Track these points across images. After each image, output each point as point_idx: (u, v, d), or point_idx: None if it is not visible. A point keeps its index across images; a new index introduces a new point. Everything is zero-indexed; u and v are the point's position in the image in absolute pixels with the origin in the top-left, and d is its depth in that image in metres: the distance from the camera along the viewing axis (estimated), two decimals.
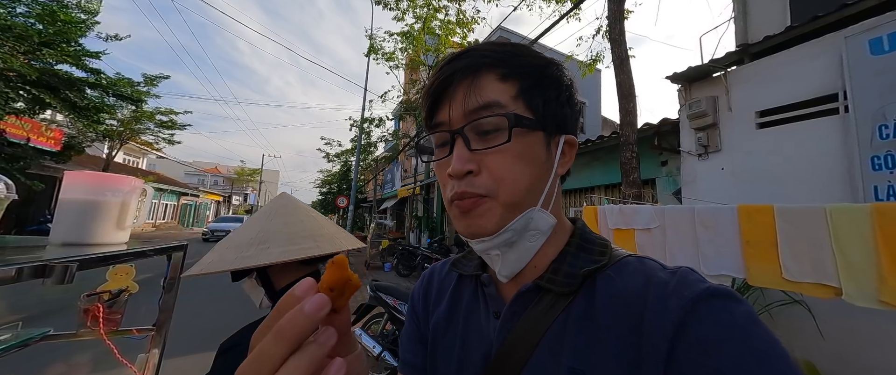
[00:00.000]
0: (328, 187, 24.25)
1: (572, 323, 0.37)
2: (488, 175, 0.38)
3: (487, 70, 0.39)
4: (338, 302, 0.25)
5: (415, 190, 12.26)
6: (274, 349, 0.21)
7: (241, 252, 0.76)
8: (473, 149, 0.38)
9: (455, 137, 0.39)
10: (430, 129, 0.42)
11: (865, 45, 2.49)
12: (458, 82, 0.39)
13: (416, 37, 8.63)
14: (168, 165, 29.64)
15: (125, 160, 22.28)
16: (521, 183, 0.38)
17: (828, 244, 1.60)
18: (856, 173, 2.46)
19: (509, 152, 0.38)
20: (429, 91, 0.41)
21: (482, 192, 0.37)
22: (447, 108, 0.39)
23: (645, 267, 0.38)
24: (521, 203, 0.39)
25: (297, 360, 0.21)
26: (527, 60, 0.41)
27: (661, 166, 4.61)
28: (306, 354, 0.21)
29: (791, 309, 2.49)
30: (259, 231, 0.82)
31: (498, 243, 0.39)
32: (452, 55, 0.41)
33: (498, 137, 0.38)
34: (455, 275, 0.53)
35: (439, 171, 0.42)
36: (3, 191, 0.65)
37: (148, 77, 10.76)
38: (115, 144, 13.84)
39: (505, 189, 0.38)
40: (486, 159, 0.38)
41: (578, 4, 5.53)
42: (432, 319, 0.51)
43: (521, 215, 0.39)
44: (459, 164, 0.37)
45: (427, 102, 0.41)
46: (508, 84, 0.39)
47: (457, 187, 0.38)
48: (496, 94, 0.38)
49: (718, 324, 0.30)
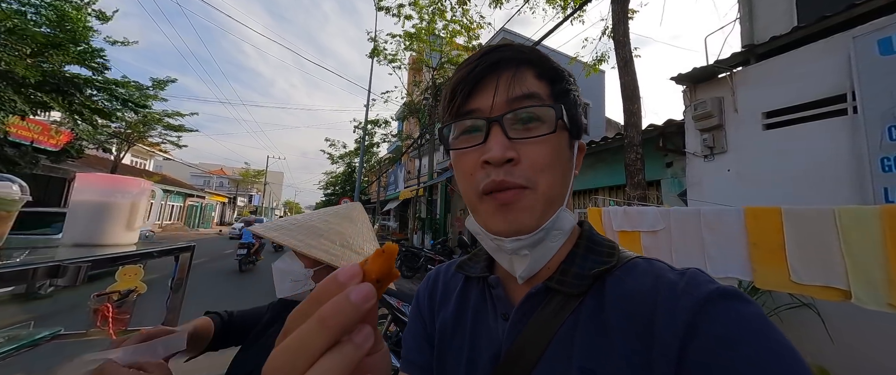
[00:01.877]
0: (332, 188, 24.39)
1: (582, 324, 0.37)
2: (529, 165, 0.37)
3: (527, 66, 0.40)
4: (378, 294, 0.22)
5: (418, 191, 12.28)
6: (314, 338, 0.19)
7: (330, 250, 0.79)
8: (513, 138, 0.37)
9: (491, 125, 0.38)
10: (459, 116, 0.41)
11: (874, 46, 2.46)
12: (502, 71, 0.39)
13: (421, 37, 8.67)
14: (174, 166, 30.01)
15: (133, 162, 22.59)
16: (558, 177, 0.39)
17: (837, 246, 1.57)
18: (865, 175, 2.43)
19: (550, 144, 0.38)
20: (466, 78, 0.40)
21: (522, 182, 0.36)
22: (489, 95, 0.39)
23: (654, 268, 0.38)
24: (556, 199, 0.39)
25: (334, 359, 0.19)
26: (553, 64, 0.42)
27: (666, 168, 4.58)
28: (345, 354, 0.19)
29: (800, 313, 2.46)
30: (340, 234, 0.83)
31: (533, 241, 0.38)
32: (491, 47, 0.41)
33: (539, 128, 0.38)
34: (461, 277, 0.53)
35: (465, 160, 0.40)
36: (18, 193, 0.66)
37: (156, 81, 10.92)
38: (123, 146, 14.04)
39: (545, 181, 0.37)
40: (525, 148, 0.37)
41: (581, 7, 5.52)
42: (438, 321, 0.51)
43: (554, 214, 0.39)
44: (500, 150, 0.36)
45: (462, 90, 0.40)
46: (543, 83, 0.40)
47: (494, 174, 0.37)
48: (537, 88, 0.39)
49: (729, 325, 0.30)
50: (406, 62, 9.95)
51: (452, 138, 0.42)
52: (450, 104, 0.41)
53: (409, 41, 8.96)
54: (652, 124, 4.51)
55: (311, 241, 0.78)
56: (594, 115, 11.53)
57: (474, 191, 0.39)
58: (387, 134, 14.14)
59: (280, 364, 0.18)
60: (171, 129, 13.86)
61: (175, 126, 13.78)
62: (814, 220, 1.67)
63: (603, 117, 12.05)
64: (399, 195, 15.81)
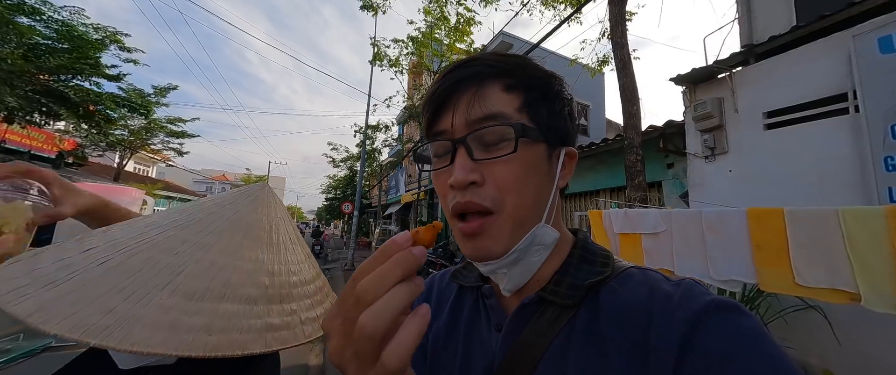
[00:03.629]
0: (334, 192, 24.44)
1: (576, 336, 0.36)
2: (494, 186, 0.36)
3: (493, 80, 0.38)
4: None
5: (419, 195, 12.28)
6: (393, 271, 0.24)
7: (235, 321, 0.40)
8: (477, 159, 0.37)
9: (457, 147, 0.37)
10: (430, 137, 0.41)
11: (874, 44, 2.44)
12: (463, 91, 0.38)
13: (422, 42, 8.71)
14: (177, 173, 30.13)
15: (136, 169, 22.71)
16: (527, 196, 0.37)
17: (842, 247, 1.55)
18: (869, 175, 2.40)
19: (515, 162, 0.37)
20: (431, 98, 0.40)
21: (487, 204, 0.36)
22: (450, 116, 0.38)
23: (649, 279, 0.38)
24: (527, 219, 0.38)
25: (405, 288, 0.24)
26: (531, 72, 0.40)
27: (667, 169, 4.55)
28: (411, 285, 0.24)
29: (807, 315, 2.42)
30: (268, 274, 0.47)
31: (506, 263, 0.38)
32: (457, 63, 0.40)
33: (502, 148, 0.37)
34: (455, 286, 0.52)
35: (438, 181, 0.40)
36: (38, 199, 0.54)
37: (158, 88, 11.02)
38: (126, 153, 14.13)
39: (511, 202, 0.36)
40: (490, 169, 0.37)
41: (579, 9, 5.54)
42: (431, 330, 0.50)
43: (527, 234, 0.38)
44: (462, 173, 0.36)
45: (429, 110, 0.40)
46: (513, 95, 0.38)
47: (459, 197, 0.36)
48: (501, 104, 0.38)
49: (725, 338, 0.29)
50: (407, 67, 9.99)
51: (432, 157, 0.42)
52: (422, 123, 0.42)
53: (413, 45, 8.97)
54: (652, 126, 4.50)
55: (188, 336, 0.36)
56: (595, 116, 11.52)
57: (447, 211, 0.39)
58: (387, 138, 14.17)
59: (369, 287, 0.24)
60: (173, 135, 13.96)
61: (177, 132, 13.88)
62: (817, 221, 1.65)
63: (603, 119, 12.04)
64: (400, 199, 15.82)
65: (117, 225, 0.49)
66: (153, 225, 0.46)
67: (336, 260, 12.10)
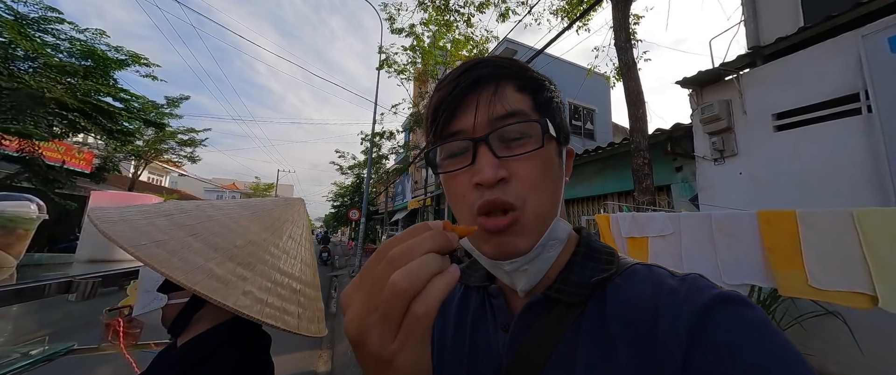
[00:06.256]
0: (341, 200, 24.61)
1: (584, 334, 0.36)
2: (519, 183, 0.37)
3: (508, 80, 0.39)
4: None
5: (425, 201, 12.30)
6: (428, 241, 0.25)
7: (206, 263, 0.50)
8: (501, 156, 0.37)
9: (478, 146, 0.37)
10: (443, 138, 0.40)
11: (885, 43, 2.41)
12: (481, 90, 0.38)
13: (427, 50, 8.83)
14: (189, 182, 30.76)
15: (150, 179, 23.25)
16: (548, 191, 0.39)
17: (858, 249, 1.51)
18: (884, 175, 2.34)
19: (538, 159, 0.37)
20: (446, 99, 0.39)
21: (512, 200, 0.36)
22: (470, 115, 0.38)
23: (654, 275, 0.38)
24: (548, 215, 0.39)
25: (439, 257, 0.25)
26: (533, 75, 0.42)
27: (675, 172, 4.50)
28: (440, 257, 0.25)
29: (825, 322, 2.34)
30: (249, 242, 0.56)
31: (529, 259, 0.38)
32: (467, 65, 0.40)
33: (525, 145, 0.37)
34: (461, 286, 0.52)
35: (456, 182, 0.39)
36: (36, 212, 0.70)
37: (170, 99, 11.33)
38: (141, 163, 14.50)
39: (536, 199, 0.37)
40: (513, 166, 0.37)
41: (584, 15, 5.56)
42: (437, 331, 0.50)
43: (548, 228, 0.38)
44: (491, 170, 0.35)
45: (444, 111, 0.39)
46: (525, 95, 0.40)
47: (487, 195, 0.36)
48: (519, 103, 0.39)
49: (733, 329, 0.30)
50: (413, 74, 10.12)
51: (440, 161, 0.41)
52: (433, 126, 0.40)
53: (420, 53, 9.11)
54: (659, 129, 4.46)
55: (191, 255, 0.50)
56: (601, 120, 11.43)
57: (469, 212, 0.38)
58: (394, 145, 14.29)
59: (405, 250, 0.24)
60: (185, 144, 14.30)
61: (188, 142, 14.23)
62: (831, 223, 1.61)
63: (610, 123, 11.95)
64: (407, 205, 15.86)
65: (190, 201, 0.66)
66: (211, 209, 0.62)
67: (343, 267, 12.14)
